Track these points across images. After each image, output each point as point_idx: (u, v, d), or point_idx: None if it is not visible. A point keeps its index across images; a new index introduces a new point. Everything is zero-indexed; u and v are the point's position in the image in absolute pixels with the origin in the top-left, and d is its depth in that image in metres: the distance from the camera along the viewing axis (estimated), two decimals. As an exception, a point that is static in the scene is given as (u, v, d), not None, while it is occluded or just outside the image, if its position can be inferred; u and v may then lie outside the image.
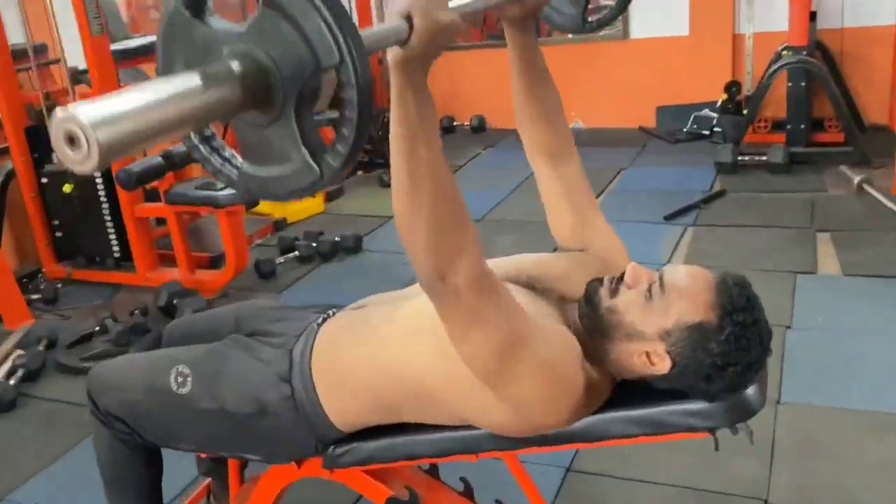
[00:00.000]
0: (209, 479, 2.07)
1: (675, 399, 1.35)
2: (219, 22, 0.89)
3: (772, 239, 3.86)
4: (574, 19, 1.64)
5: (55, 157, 3.82)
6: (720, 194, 4.48)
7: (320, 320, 1.59)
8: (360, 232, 4.28)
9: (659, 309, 1.31)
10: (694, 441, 2.35)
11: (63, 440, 2.70)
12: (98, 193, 3.80)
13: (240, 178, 0.96)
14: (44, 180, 3.93)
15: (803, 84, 4.77)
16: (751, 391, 1.33)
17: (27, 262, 4.20)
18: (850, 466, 2.28)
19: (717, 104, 5.42)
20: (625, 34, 5.90)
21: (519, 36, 1.51)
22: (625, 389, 1.41)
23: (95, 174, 3.77)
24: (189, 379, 1.57)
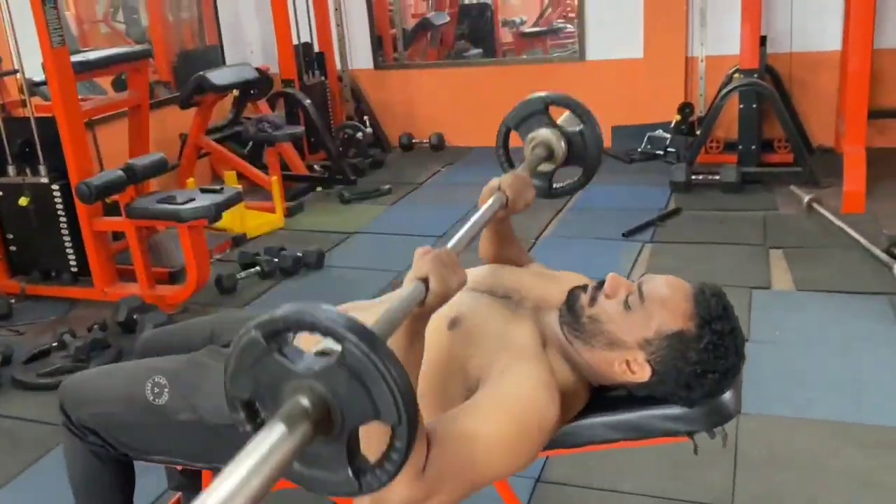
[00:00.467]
0: (179, 494, 2.04)
1: (654, 404, 1.38)
2: (291, 351, 0.97)
3: (727, 255, 3.95)
4: (542, 190, 1.88)
5: (10, 169, 3.76)
6: (676, 212, 4.58)
7: (297, 329, 1.58)
8: (322, 247, 4.27)
9: (639, 318, 1.35)
10: (660, 451, 2.41)
11: (24, 457, 2.64)
12: (56, 207, 3.73)
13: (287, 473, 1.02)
14: (-1, 192, 3.85)
15: (754, 106, 4.92)
16: (727, 396, 1.37)
17: (-22, 277, 4.09)
18: (812, 475, 2.34)
19: (671, 125, 5.55)
20: (581, 56, 6.01)
21: (499, 227, 1.70)
22: (602, 394, 1.44)
23: (53, 187, 3.71)
24: (166, 389, 1.56)
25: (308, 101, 5.61)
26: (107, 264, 3.82)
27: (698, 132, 5.21)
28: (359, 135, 5.77)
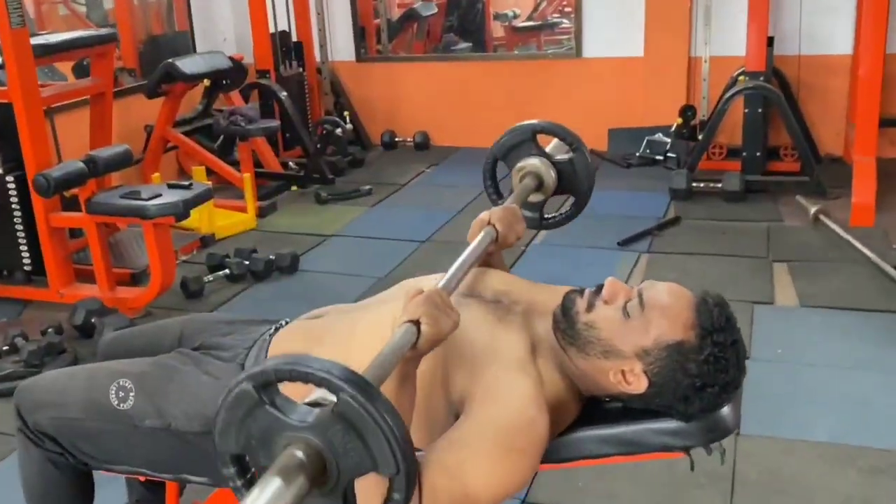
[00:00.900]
0: (140, 508, 2.04)
1: (649, 417, 1.41)
2: (282, 403, 1.00)
3: (728, 268, 4.01)
4: (532, 221, 1.97)
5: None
6: (675, 221, 4.63)
7: (272, 330, 1.61)
8: (297, 250, 4.28)
9: (637, 327, 1.37)
10: (654, 472, 2.45)
11: (-29, 466, 2.63)
12: (10, 200, 3.72)
13: None
14: (-52, 184, 3.83)
15: (760, 110, 4.99)
16: (726, 410, 1.40)
17: (-77, 275, 4.07)
18: (811, 499, 2.38)
19: (672, 128, 5.61)
20: (577, 52, 6.07)
21: (490, 262, 1.74)
22: (596, 407, 1.47)
23: (7, 179, 3.70)
24: (131, 394, 1.57)
25: (284, 94, 5.62)
26: (63, 263, 3.81)
27: (700, 137, 5.28)
28: (338, 131, 5.78)
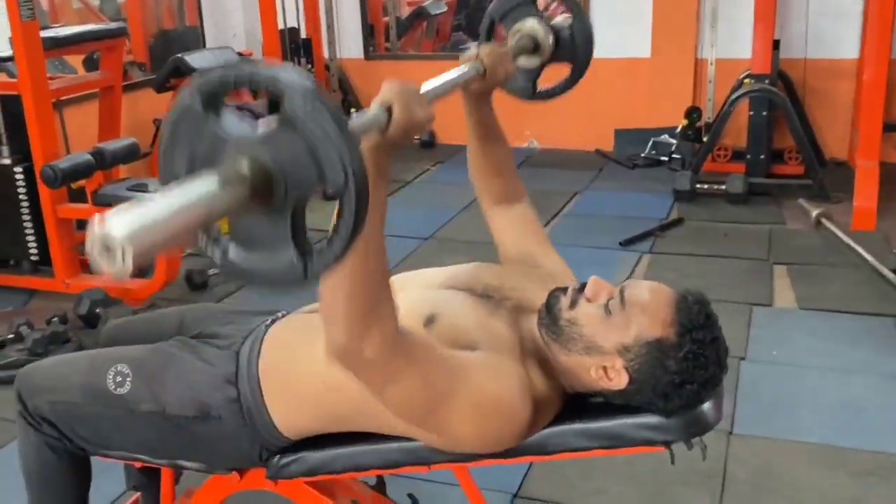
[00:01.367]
0: (137, 494, 2.09)
1: (631, 413, 1.45)
2: (230, 119, 0.96)
3: (728, 270, 4.03)
4: (525, 90, 1.87)
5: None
6: (678, 222, 4.66)
7: (269, 321, 1.65)
8: (300, 245, 4.32)
9: (618, 324, 1.41)
10: (643, 469, 2.48)
11: (-27, 452, 2.68)
12: (17, 190, 3.78)
13: (222, 262, 1.02)
14: (-44, 174, 3.89)
15: (765, 113, 5.01)
16: (707, 406, 1.43)
17: (-69, 263, 4.13)
18: (801, 500, 2.41)
19: (677, 130, 5.63)
20: (585, 53, 6.07)
21: (477, 105, 1.71)
22: (579, 402, 1.50)
23: (16, 169, 3.75)
24: (129, 379, 1.61)
25: (292, 90, 5.65)
26: (70, 254, 3.86)
27: (705, 139, 5.30)
28: (345, 128, 5.80)
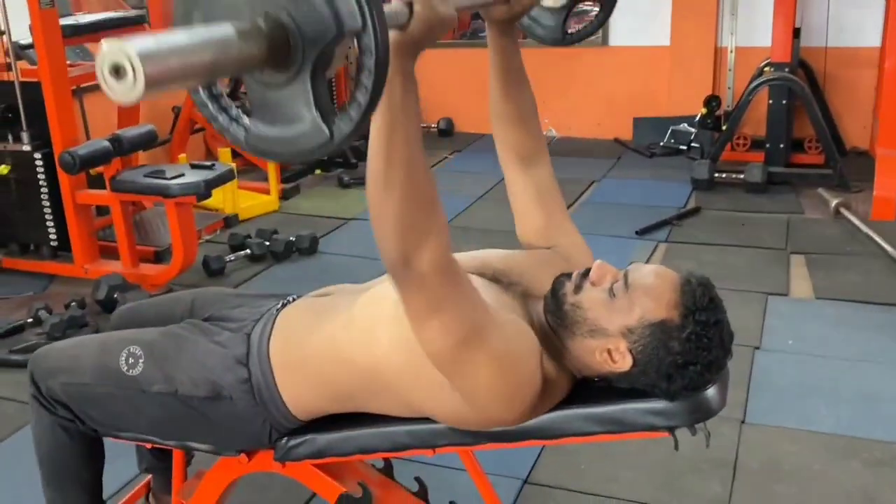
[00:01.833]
0: (149, 477, 2.12)
1: (636, 398, 1.45)
2: None
3: (745, 259, 4.01)
4: (554, 31, 1.78)
5: (-8, 136, 3.85)
6: (695, 211, 4.64)
7: (280, 305, 1.66)
8: (317, 233, 4.35)
9: (622, 306, 1.41)
10: (654, 457, 2.48)
11: (-9, 434, 2.73)
12: (37, 176, 3.82)
13: (248, 137, 1.01)
14: (-23, 161, 3.94)
15: (785, 102, 4.98)
16: (711, 392, 1.43)
17: (-46, 248, 4.19)
18: (813, 490, 2.40)
19: (696, 119, 5.60)
20: (604, 41, 6.06)
21: (501, 37, 1.63)
22: (584, 388, 1.51)
23: (36, 156, 3.79)
24: (141, 360, 1.64)
25: (311, 78, 5.67)
26: (89, 239, 3.90)
27: (724, 127, 5.27)
28: (363, 116, 5.82)
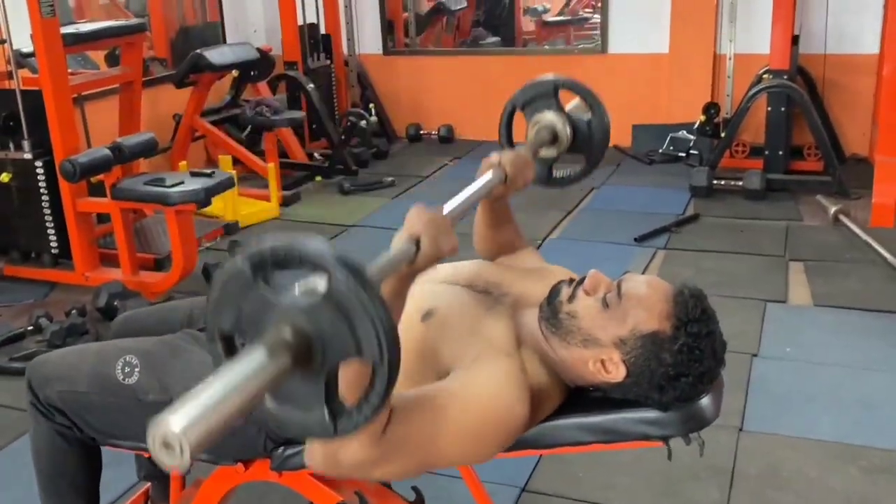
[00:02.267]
0: (148, 485, 2.12)
1: (630, 407, 1.45)
2: (276, 284, 1.02)
3: (744, 266, 4.01)
4: (540, 176, 1.89)
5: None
6: (693, 218, 4.64)
7: (276, 315, 1.66)
8: (317, 240, 4.35)
9: (615, 316, 1.41)
10: (652, 465, 2.48)
11: (-10, 442, 2.73)
12: (38, 184, 3.83)
13: (260, 410, 1.06)
14: (-22, 168, 3.95)
15: (783, 109, 4.97)
16: (705, 401, 1.43)
17: (-46, 256, 4.20)
18: (811, 498, 2.40)
19: (695, 126, 5.61)
20: (603, 48, 6.08)
21: (496, 206, 1.75)
22: (579, 396, 1.51)
23: (37, 164, 3.80)
24: (137, 369, 1.64)
25: (311, 86, 5.69)
26: (89, 247, 3.91)
27: (723, 135, 5.27)
28: (363, 123, 5.86)
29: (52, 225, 3.91)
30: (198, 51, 4.94)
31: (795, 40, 5.03)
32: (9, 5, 3.74)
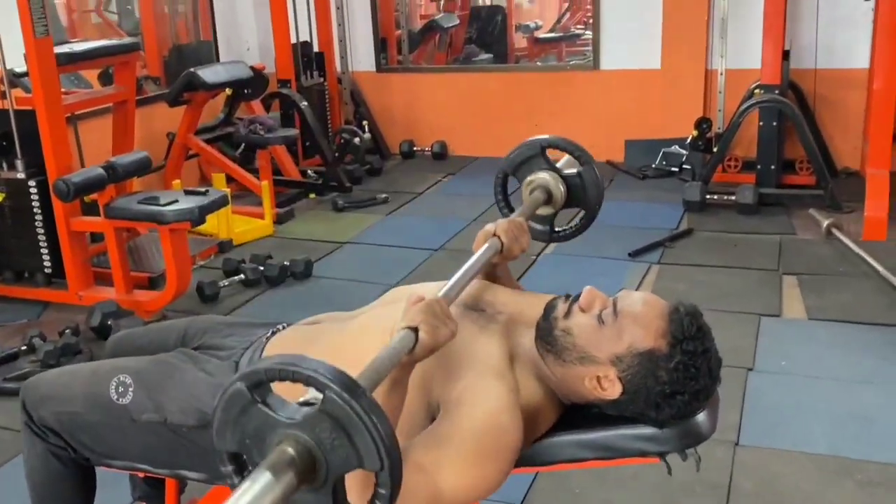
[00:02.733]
0: (142, 505, 2.11)
1: (626, 424, 1.45)
2: (275, 404, 1.05)
3: (738, 280, 4.02)
4: (542, 234, 2.02)
5: (-12, 164, 3.85)
6: (687, 233, 4.65)
7: (269, 333, 1.67)
8: (311, 257, 4.35)
9: (611, 334, 1.41)
10: (649, 480, 2.48)
11: (-16, 463, 2.71)
12: (32, 203, 3.82)
13: None
14: (-28, 188, 3.94)
15: (775, 124, 5.00)
16: (701, 417, 1.43)
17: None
18: (807, 511, 2.40)
19: (688, 141, 5.62)
20: (595, 65, 6.10)
21: (495, 274, 1.77)
22: (576, 413, 1.51)
23: (30, 183, 3.80)
24: (130, 389, 1.64)
25: (305, 104, 5.70)
26: (83, 266, 3.90)
27: (715, 149, 5.29)
28: (356, 140, 5.86)
29: (46, 244, 3.90)
30: (191, 69, 4.95)
31: (786, 55, 5.06)
32: (2, 25, 3.74)
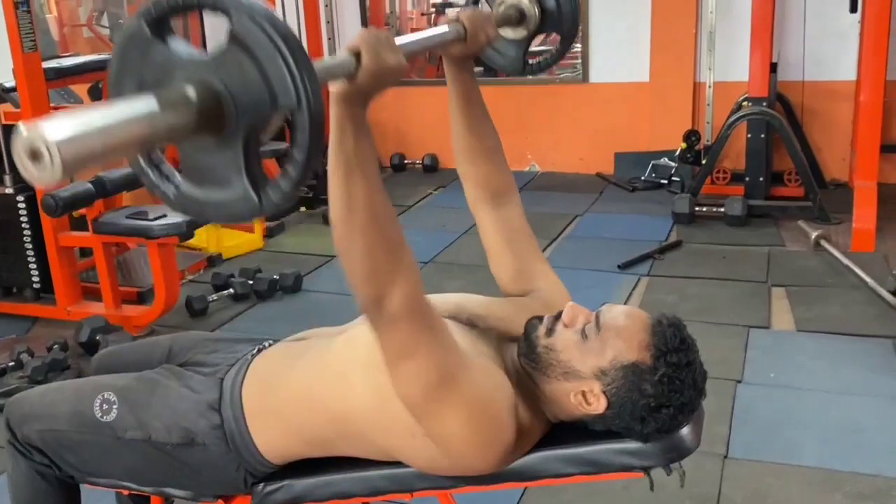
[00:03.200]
0: (128, 522, 2.09)
1: (611, 438, 1.45)
2: (179, 44, 0.94)
3: (726, 292, 4.03)
4: (515, 62, 1.80)
5: (-26, 179, 3.84)
6: (676, 245, 4.66)
7: (255, 350, 1.66)
8: (301, 270, 4.35)
9: (595, 348, 1.42)
10: (637, 493, 2.48)
11: (-31, 480, 2.69)
12: (20, 219, 3.81)
13: (177, 197, 1.01)
14: (-41, 203, 3.93)
15: (763, 136, 5.02)
16: (685, 431, 1.43)
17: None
18: (795, 524, 2.40)
19: (676, 153, 5.65)
20: (584, 78, 6.13)
21: (460, 72, 1.65)
22: (561, 428, 1.51)
23: (18, 198, 3.79)
24: (115, 407, 1.63)
25: (294, 117, 5.69)
26: (71, 281, 3.89)
27: (704, 162, 5.31)
28: (346, 153, 5.84)
29: (34, 259, 3.89)
30: (181, 83, 4.94)
31: (774, 68, 5.09)
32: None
